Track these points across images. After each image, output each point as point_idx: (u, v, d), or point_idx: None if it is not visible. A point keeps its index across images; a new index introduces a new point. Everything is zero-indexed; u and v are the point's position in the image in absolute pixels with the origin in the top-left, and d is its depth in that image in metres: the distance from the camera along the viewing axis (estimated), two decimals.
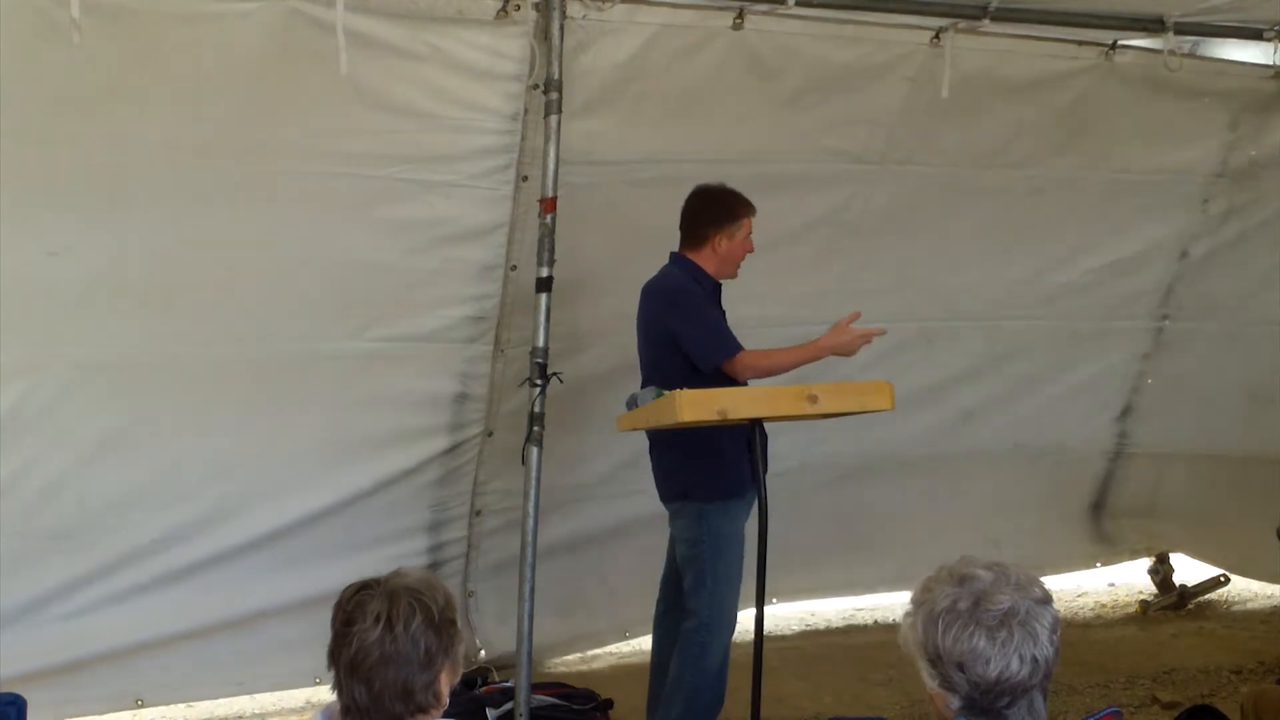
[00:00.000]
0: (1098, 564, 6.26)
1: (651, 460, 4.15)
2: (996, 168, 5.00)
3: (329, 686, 2.12)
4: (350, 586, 2.13)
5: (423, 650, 2.05)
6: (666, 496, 4.11)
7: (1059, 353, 5.64)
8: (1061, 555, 6.07)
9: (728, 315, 4.17)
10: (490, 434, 4.65)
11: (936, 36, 4.45)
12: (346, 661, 2.05)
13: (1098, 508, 6.17)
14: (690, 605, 4.02)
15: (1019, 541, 5.63)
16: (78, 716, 4.27)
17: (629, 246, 4.41)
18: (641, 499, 4.34)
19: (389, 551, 4.56)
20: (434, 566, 4.74)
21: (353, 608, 2.08)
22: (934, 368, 5.44)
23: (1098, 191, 5.21)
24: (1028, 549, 5.65)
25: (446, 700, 2.12)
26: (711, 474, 3.97)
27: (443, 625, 2.08)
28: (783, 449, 4.74)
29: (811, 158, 4.72)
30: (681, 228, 4.13)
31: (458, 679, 2.16)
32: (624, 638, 5.31)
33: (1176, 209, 5.39)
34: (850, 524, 5.58)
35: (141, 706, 4.40)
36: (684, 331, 3.97)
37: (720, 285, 4.16)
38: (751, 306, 4.62)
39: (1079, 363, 5.70)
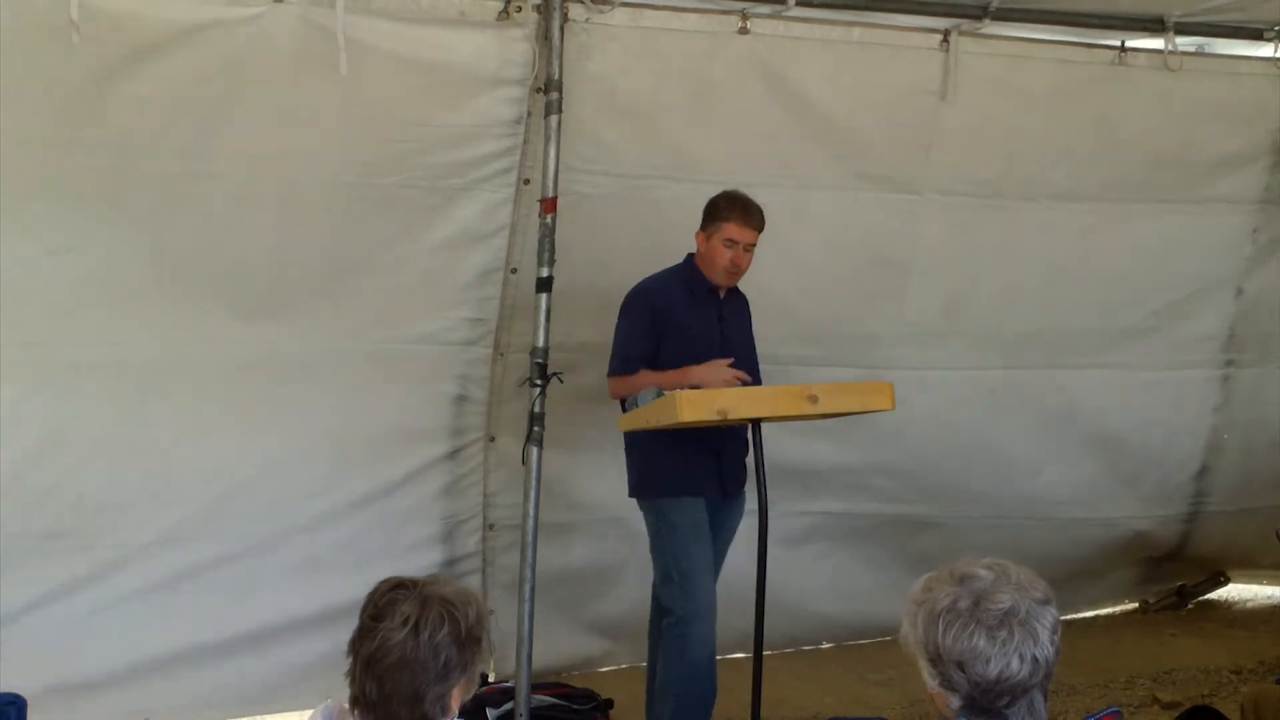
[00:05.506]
0: (1147, 600, 6.10)
1: None
2: (1039, 199, 4.88)
3: (344, 675, 2.11)
4: (385, 581, 2.13)
5: (442, 661, 2.05)
6: (630, 492, 4.16)
7: (1128, 406, 5.42)
8: (1109, 593, 5.99)
9: (729, 316, 4.15)
10: (493, 439, 4.62)
11: (945, 39, 4.47)
12: (366, 655, 2.06)
13: (1160, 559, 5.98)
14: (664, 602, 4.03)
15: (1074, 586, 5.50)
16: None
17: (644, 257, 4.29)
18: None
19: (400, 566, 4.49)
20: None
21: (384, 604, 2.08)
22: (998, 419, 5.23)
23: (1146, 226, 5.08)
24: (1076, 592, 5.57)
25: (456, 714, 2.11)
26: (661, 473, 4.02)
27: (468, 641, 2.08)
28: (830, 488, 4.90)
29: (848, 184, 4.65)
30: None
31: (470, 695, 2.15)
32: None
33: (1226, 238, 5.25)
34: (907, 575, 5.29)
35: None
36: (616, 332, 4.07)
37: (717, 288, 4.10)
38: (791, 347, 4.61)
39: (1150, 418, 5.47)
